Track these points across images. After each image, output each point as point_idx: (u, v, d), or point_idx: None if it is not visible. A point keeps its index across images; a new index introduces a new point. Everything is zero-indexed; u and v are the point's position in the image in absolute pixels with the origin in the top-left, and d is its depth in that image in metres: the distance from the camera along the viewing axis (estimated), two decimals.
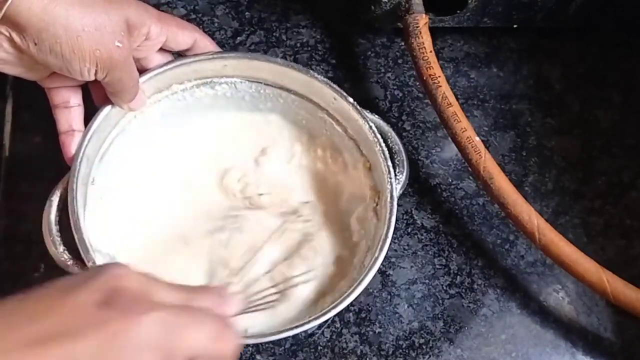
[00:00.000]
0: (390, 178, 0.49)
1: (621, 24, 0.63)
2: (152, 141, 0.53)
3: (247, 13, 0.62)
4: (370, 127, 0.50)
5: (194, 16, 0.61)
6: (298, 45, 0.61)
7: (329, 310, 0.44)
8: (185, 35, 0.49)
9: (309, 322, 0.44)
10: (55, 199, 0.45)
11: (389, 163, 0.49)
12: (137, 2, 0.45)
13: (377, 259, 0.46)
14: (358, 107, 0.50)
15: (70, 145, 0.47)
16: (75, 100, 0.48)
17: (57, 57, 0.41)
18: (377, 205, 0.50)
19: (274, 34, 0.62)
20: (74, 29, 0.40)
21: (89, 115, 0.48)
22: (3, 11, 0.38)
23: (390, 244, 0.54)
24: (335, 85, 0.51)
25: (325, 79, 0.51)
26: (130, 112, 0.50)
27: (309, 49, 0.61)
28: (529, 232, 0.50)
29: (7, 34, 0.40)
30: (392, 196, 0.48)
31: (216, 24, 0.61)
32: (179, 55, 0.51)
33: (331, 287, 0.50)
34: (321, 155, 0.54)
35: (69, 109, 0.47)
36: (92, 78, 0.44)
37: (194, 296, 0.34)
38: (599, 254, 0.51)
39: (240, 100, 0.54)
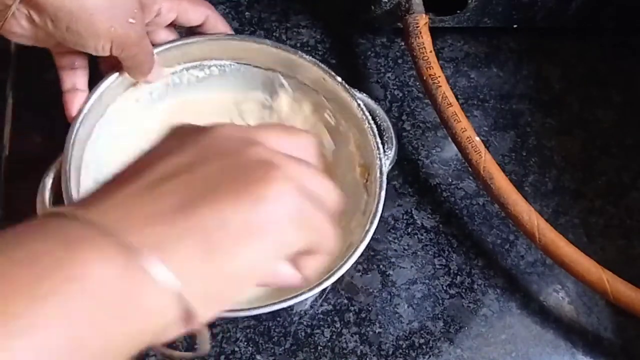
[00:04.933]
0: (379, 154, 0.50)
1: (621, 24, 0.63)
2: (143, 120, 0.53)
3: (247, 13, 0.62)
4: (359, 105, 0.51)
5: None
6: (298, 45, 0.61)
7: (322, 283, 0.44)
8: (197, 12, 0.49)
9: (300, 294, 0.44)
10: (48, 181, 0.46)
11: (378, 140, 0.50)
12: None
13: (367, 231, 0.47)
14: (346, 85, 0.51)
15: (73, 104, 0.48)
16: (81, 62, 0.48)
17: (73, 34, 0.42)
18: (367, 181, 0.51)
19: (274, 34, 0.62)
20: (89, 6, 0.41)
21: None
22: None
23: (390, 243, 0.55)
24: (323, 65, 0.52)
25: (313, 59, 0.52)
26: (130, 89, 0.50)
27: (309, 49, 0.61)
28: (529, 232, 0.50)
29: (26, 12, 0.41)
30: (381, 172, 0.49)
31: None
32: (189, 31, 0.51)
33: None
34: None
35: (74, 70, 0.48)
36: (107, 54, 0.44)
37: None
38: (599, 254, 0.51)
39: (230, 81, 0.55)
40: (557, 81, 0.63)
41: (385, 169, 0.50)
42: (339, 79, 0.51)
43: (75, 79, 0.48)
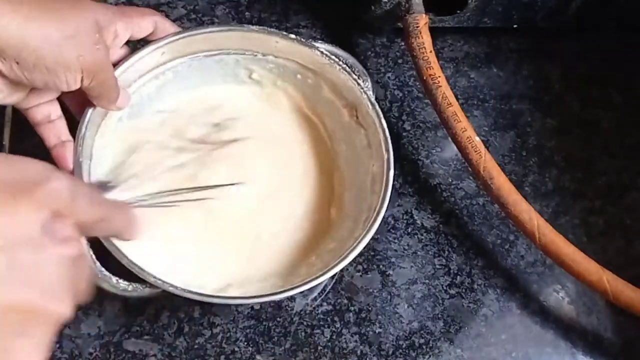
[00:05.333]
0: (361, 87, 0.51)
1: (621, 24, 0.63)
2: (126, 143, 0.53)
3: (247, 13, 0.62)
4: (322, 52, 0.51)
5: (194, 16, 0.61)
6: None
7: (344, 259, 0.45)
8: (146, 21, 0.49)
9: (325, 273, 0.44)
10: None
11: (354, 76, 0.51)
12: (99, 3, 0.45)
13: (388, 160, 0.48)
14: (302, 39, 0.52)
15: (66, 157, 0.47)
16: (55, 113, 0.47)
17: (41, 71, 0.41)
18: (357, 117, 0.52)
19: None
20: (53, 39, 0.40)
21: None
22: None
23: (390, 243, 0.55)
24: (273, 29, 0.52)
25: (262, 27, 0.52)
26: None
27: None
28: (529, 232, 0.50)
29: None
30: (371, 102, 0.50)
31: (216, 24, 0.61)
32: (140, 42, 0.50)
33: (312, 247, 0.50)
34: (287, 99, 0.56)
35: (52, 122, 0.47)
36: (78, 86, 0.43)
37: (110, 216, 0.36)
38: (599, 254, 0.51)
39: (188, 79, 0.54)
40: (557, 81, 0.63)
41: (373, 98, 0.51)
42: (292, 35, 0.52)
43: (56, 131, 0.47)
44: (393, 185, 0.56)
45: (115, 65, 0.48)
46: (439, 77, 0.52)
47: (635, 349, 0.53)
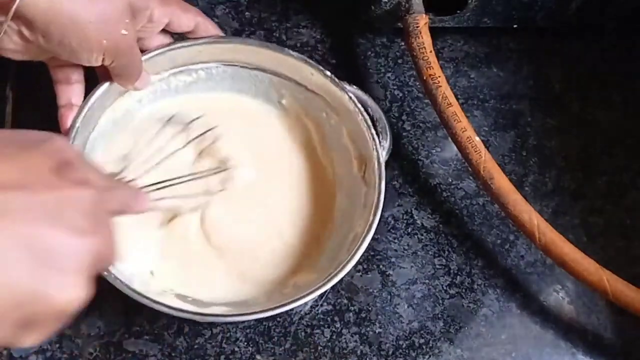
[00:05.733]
0: (376, 145, 0.50)
1: (621, 24, 0.63)
2: (136, 128, 0.53)
3: (247, 13, 0.62)
4: (350, 97, 0.51)
5: None
6: (298, 45, 0.61)
7: (327, 282, 0.45)
8: (188, 18, 0.49)
9: (311, 292, 0.44)
10: None
11: (372, 131, 0.50)
12: None
13: (371, 224, 0.47)
14: (336, 79, 0.51)
15: (68, 118, 0.48)
16: (76, 77, 0.48)
17: (64, 48, 0.42)
18: (364, 174, 0.51)
19: (274, 34, 0.62)
20: (81, 21, 0.41)
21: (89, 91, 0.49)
22: (12, 10, 0.39)
23: (390, 243, 0.55)
24: (311, 60, 0.52)
25: (301, 55, 0.52)
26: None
27: (309, 49, 0.61)
28: (529, 232, 0.50)
29: (17, 27, 0.41)
30: (379, 162, 0.49)
31: (216, 24, 0.61)
32: (180, 37, 0.51)
33: (300, 266, 0.50)
34: (306, 132, 0.55)
35: (70, 85, 0.48)
36: (99, 64, 0.45)
37: (115, 186, 0.38)
38: (599, 254, 0.51)
39: (218, 84, 0.54)
40: (557, 81, 0.63)
41: (383, 159, 0.50)
42: (328, 73, 0.51)
43: (71, 94, 0.48)
44: (393, 185, 0.56)
45: (149, 50, 0.49)
46: (439, 77, 0.52)
47: (635, 349, 0.53)
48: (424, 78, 0.53)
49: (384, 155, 0.50)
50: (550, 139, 0.60)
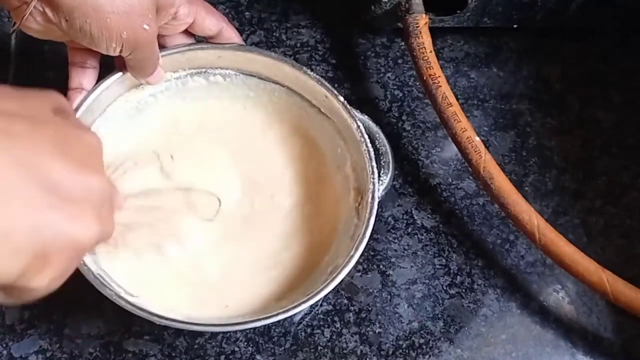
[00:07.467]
0: (374, 179, 0.48)
1: (621, 24, 0.63)
2: (142, 121, 0.53)
3: (247, 13, 0.62)
4: (358, 126, 0.50)
5: None
6: (298, 45, 0.61)
7: (308, 299, 0.44)
8: (212, 22, 0.49)
9: (296, 306, 0.44)
10: None
11: (374, 164, 0.49)
12: None
13: (351, 257, 0.46)
14: (348, 106, 0.50)
15: (75, 101, 0.48)
16: (92, 62, 0.49)
17: (85, 34, 0.42)
18: (359, 205, 0.50)
19: (274, 34, 0.62)
20: (104, 10, 0.41)
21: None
22: None
23: (390, 243, 0.55)
24: (327, 83, 0.51)
25: (317, 76, 0.51)
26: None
27: (309, 49, 0.61)
28: (529, 232, 0.50)
29: (41, 9, 0.41)
30: (373, 197, 0.48)
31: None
32: (203, 40, 0.51)
33: (290, 288, 0.49)
34: (310, 152, 0.54)
35: (84, 69, 0.48)
36: (117, 54, 0.45)
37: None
38: (599, 254, 0.51)
39: (232, 92, 0.54)
40: (557, 81, 0.63)
41: (378, 195, 0.48)
42: (342, 98, 0.50)
43: (83, 78, 0.48)
44: (393, 185, 0.56)
45: (169, 47, 0.50)
46: (439, 77, 0.52)
47: (635, 349, 0.53)
48: (424, 78, 0.53)
49: (380, 191, 0.49)
50: (550, 139, 0.60)
